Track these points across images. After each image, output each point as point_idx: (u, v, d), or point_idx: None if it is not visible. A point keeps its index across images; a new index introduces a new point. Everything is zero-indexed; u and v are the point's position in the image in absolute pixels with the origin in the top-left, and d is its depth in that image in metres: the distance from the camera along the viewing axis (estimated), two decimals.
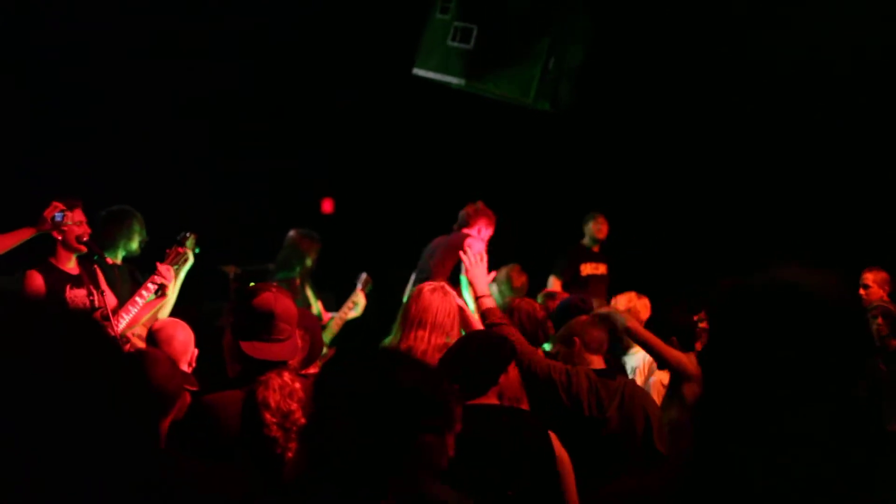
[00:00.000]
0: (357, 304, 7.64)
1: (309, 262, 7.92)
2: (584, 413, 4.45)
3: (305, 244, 7.92)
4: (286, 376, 3.45)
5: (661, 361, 5.15)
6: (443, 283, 4.75)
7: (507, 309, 5.15)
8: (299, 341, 3.65)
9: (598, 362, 4.67)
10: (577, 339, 4.65)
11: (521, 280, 7.84)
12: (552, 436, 4.04)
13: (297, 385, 3.45)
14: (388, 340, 4.63)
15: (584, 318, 4.83)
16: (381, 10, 9.60)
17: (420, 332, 4.49)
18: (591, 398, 4.47)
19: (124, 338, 5.33)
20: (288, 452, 3.33)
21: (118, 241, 6.06)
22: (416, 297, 4.61)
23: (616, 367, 5.17)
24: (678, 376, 5.05)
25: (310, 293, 7.95)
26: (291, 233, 8.03)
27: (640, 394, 4.70)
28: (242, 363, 3.50)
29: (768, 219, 9.39)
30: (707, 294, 5.12)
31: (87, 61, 8.38)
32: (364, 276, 7.78)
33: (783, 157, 9.35)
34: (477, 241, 7.23)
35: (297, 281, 7.85)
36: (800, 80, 8.81)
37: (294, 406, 3.37)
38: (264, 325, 3.49)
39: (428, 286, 4.69)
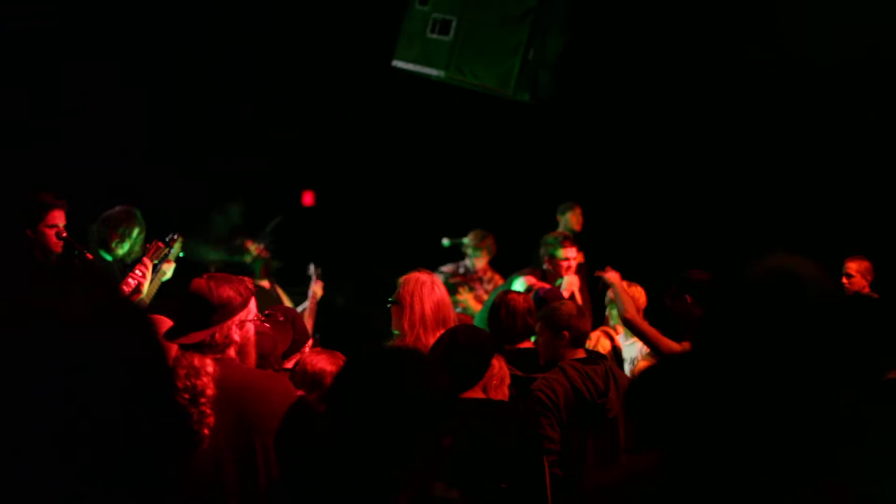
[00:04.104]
0: (317, 293, 7.87)
1: (248, 256, 7.99)
2: (585, 397, 4.51)
3: (240, 243, 8.01)
4: (189, 356, 3.45)
5: (657, 352, 5.17)
6: (429, 274, 4.76)
7: (498, 304, 5.13)
8: (233, 330, 3.58)
9: (580, 353, 4.75)
10: (566, 333, 4.69)
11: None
12: None
13: (198, 363, 3.44)
14: (397, 333, 4.64)
15: (571, 308, 4.83)
16: (361, 2, 9.56)
17: (426, 328, 4.51)
18: (586, 384, 4.54)
19: None
20: (204, 429, 3.34)
21: (111, 241, 6.01)
22: (416, 293, 4.61)
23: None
24: None
25: (280, 292, 8.02)
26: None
27: (626, 377, 4.81)
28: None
29: (753, 208, 9.41)
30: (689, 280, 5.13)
31: (76, 57, 8.30)
32: (313, 266, 7.98)
33: (766, 146, 9.37)
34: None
35: (268, 283, 7.93)
36: (787, 73, 8.82)
37: (198, 381, 3.38)
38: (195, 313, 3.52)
39: (420, 280, 4.68)
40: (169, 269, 5.74)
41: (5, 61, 8.01)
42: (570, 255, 7.50)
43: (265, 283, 7.96)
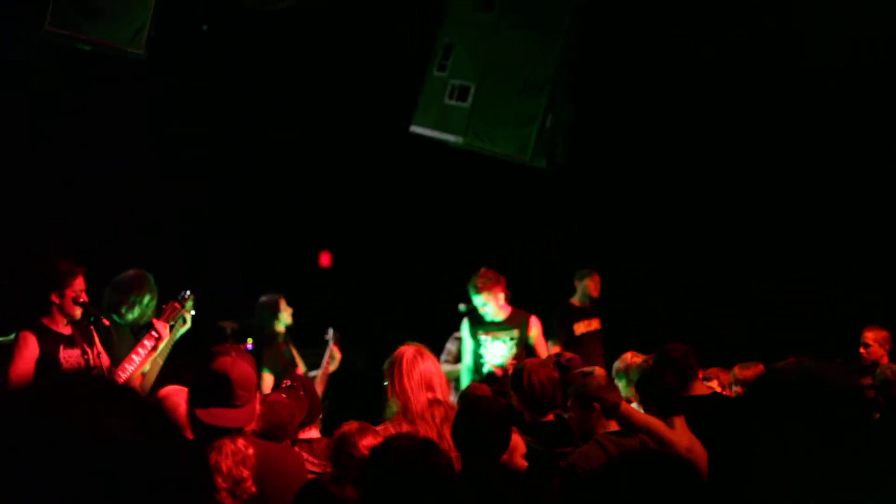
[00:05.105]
0: (334, 359, 7.74)
1: (281, 322, 7.93)
2: None
3: (273, 305, 7.95)
4: (240, 442, 3.39)
5: (630, 427, 4.67)
6: (415, 347, 4.77)
7: (520, 372, 5.08)
8: (258, 406, 3.56)
9: (612, 426, 4.61)
10: (597, 405, 4.56)
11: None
12: None
13: (251, 452, 3.39)
14: (391, 411, 4.63)
15: (602, 380, 4.72)
16: (379, 67, 9.66)
17: (410, 401, 4.52)
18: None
19: None
20: None
21: (122, 307, 6.07)
22: (397, 368, 4.63)
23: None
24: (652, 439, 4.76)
25: (294, 353, 7.99)
26: (262, 298, 8.06)
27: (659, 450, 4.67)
28: (197, 430, 3.41)
29: (757, 241, 9.42)
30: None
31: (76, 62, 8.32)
32: (331, 331, 7.92)
33: (778, 207, 9.38)
34: None
35: (283, 343, 7.89)
36: (800, 114, 8.86)
37: (246, 473, 3.32)
38: (220, 390, 3.41)
39: (402, 354, 4.70)
40: (185, 327, 5.78)
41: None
42: (483, 301, 7.53)
43: (281, 344, 7.95)
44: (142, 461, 1.20)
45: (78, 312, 5.40)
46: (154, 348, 5.50)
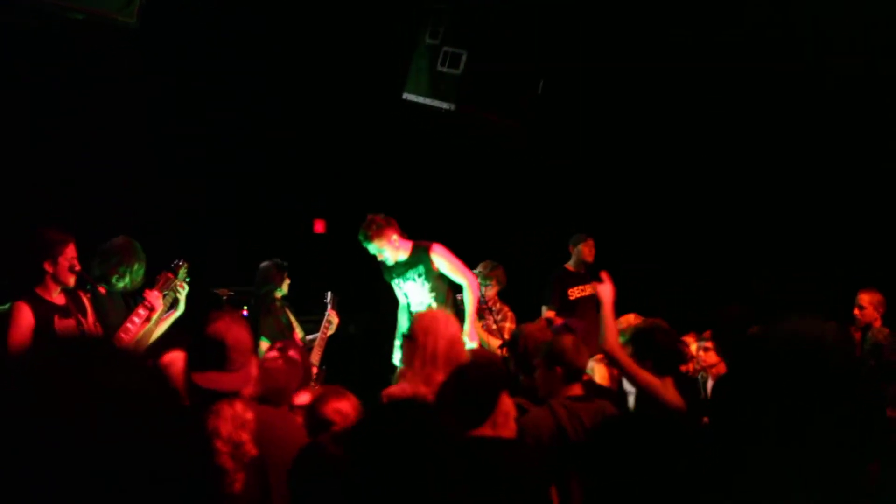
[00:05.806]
0: (332, 323, 7.72)
1: (280, 291, 7.94)
2: (570, 438, 4.37)
3: (274, 274, 7.95)
4: (238, 406, 3.39)
5: (634, 384, 4.98)
6: (443, 311, 4.76)
7: (517, 336, 5.11)
8: (254, 370, 3.56)
9: (576, 389, 4.59)
10: (559, 369, 4.54)
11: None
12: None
13: (250, 416, 3.39)
14: (399, 370, 4.64)
15: (568, 342, 4.67)
16: (372, 34, 9.61)
17: (437, 365, 4.51)
18: (573, 422, 4.41)
19: None
20: (236, 484, 3.30)
21: (111, 276, 6.06)
22: (430, 331, 4.60)
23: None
24: (648, 400, 4.87)
25: (292, 318, 8.00)
26: (263, 263, 8.06)
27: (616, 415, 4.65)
28: (194, 395, 3.39)
29: (757, 240, 9.43)
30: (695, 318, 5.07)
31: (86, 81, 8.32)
32: (331, 294, 7.89)
33: (778, 207, 9.39)
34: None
35: (280, 308, 7.90)
36: (786, 99, 8.85)
37: (245, 437, 3.33)
38: (215, 354, 3.40)
39: (434, 317, 4.70)
40: (182, 293, 5.80)
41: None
42: (377, 248, 7.45)
43: (278, 309, 7.95)
44: (145, 426, 1.20)
45: (72, 280, 5.41)
46: (147, 319, 5.55)
